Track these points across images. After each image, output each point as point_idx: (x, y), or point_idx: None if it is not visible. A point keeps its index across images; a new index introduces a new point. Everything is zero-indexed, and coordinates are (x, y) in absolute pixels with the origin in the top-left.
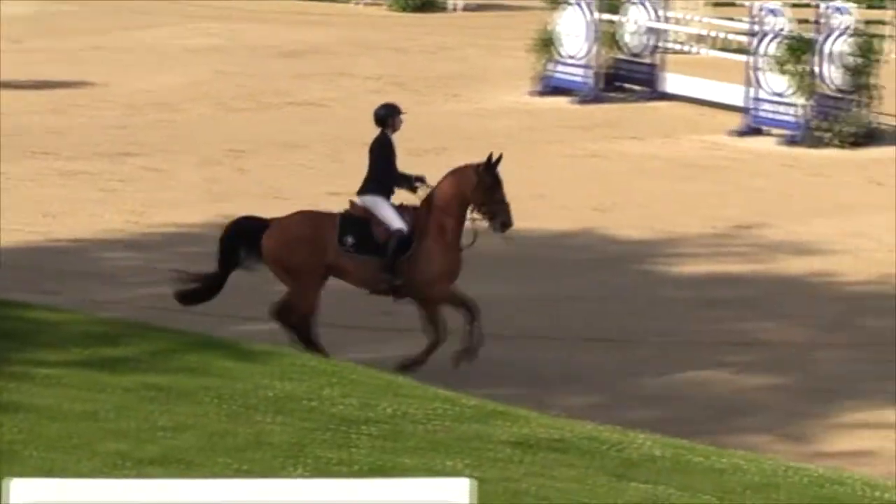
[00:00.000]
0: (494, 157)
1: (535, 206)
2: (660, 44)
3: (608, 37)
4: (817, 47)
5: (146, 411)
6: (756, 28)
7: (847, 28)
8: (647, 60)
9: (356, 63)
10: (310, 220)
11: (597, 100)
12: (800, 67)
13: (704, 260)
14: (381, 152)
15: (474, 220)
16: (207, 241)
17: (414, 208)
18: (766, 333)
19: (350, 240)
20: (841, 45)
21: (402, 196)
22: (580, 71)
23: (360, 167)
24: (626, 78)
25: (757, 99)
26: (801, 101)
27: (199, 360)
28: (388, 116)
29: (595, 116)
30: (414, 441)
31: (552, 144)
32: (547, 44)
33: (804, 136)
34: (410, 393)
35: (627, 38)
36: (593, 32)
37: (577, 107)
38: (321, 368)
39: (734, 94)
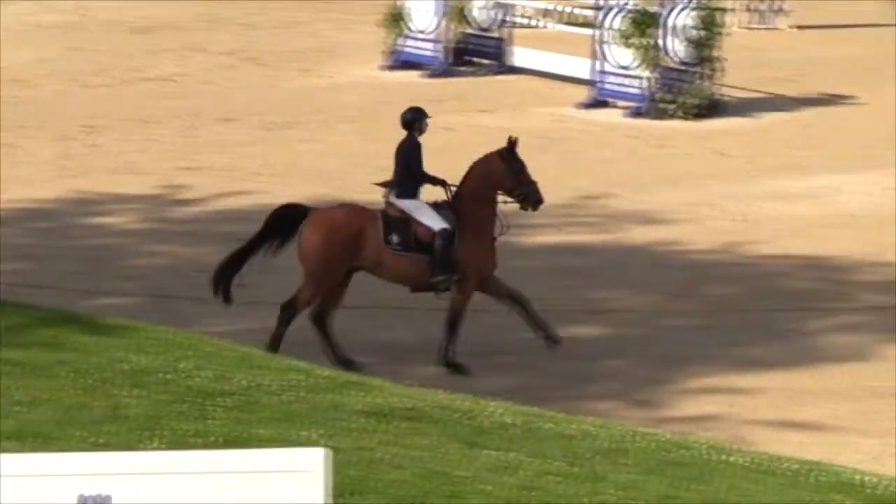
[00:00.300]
0: (512, 142)
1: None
2: (507, 18)
3: (456, 11)
4: (661, 21)
5: (1, 387)
6: (601, 2)
7: (690, 2)
8: (495, 35)
9: (208, 38)
10: (354, 215)
11: (446, 74)
12: (644, 41)
13: (553, 230)
14: (410, 155)
15: (506, 202)
16: (60, 217)
17: (448, 203)
18: (613, 302)
19: (395, 238)
20: (684, 19)
21: (433, 193)
22: (430, 45)
23: (213, 142)
24: (475, 52)
25: (603, 72)
26: (645, 73)
27: (54, 334)
28: (415, 120)
29: (445, 90)
30: (269, 412)
31: None
32: (397, 19)
33: (649, 108)
34: (265, 364)
35: (475, 13)
36: (442, 7)
37: (428, 81)
38: (177, 342)
39: (580, 67)
